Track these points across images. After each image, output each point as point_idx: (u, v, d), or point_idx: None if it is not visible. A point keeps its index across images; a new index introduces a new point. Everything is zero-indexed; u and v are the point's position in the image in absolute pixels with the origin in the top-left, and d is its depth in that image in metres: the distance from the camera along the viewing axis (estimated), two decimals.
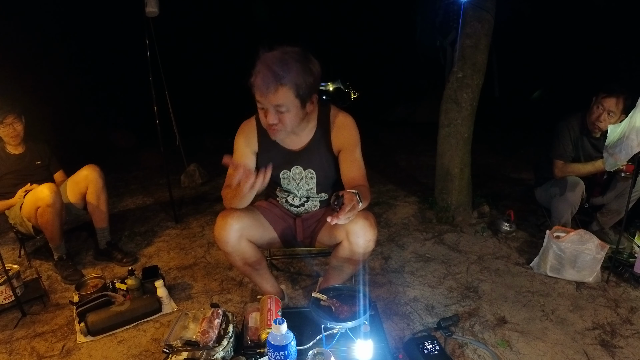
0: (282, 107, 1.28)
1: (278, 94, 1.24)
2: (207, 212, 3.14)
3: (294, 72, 1.24)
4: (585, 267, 1.93)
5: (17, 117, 2.13)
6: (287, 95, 1.26)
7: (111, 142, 5.51)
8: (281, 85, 1.23)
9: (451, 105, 2.67)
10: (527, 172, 3.87)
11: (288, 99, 1.27)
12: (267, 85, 1.23)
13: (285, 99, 1.26)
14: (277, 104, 1.27)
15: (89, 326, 1.64)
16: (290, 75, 1.23)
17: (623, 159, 1.84)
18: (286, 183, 1.56)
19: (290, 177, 1.54)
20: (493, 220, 2.70)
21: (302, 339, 1.30)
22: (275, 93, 1.24)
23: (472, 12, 2.52)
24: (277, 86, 1.23)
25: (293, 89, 1.25)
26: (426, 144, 4.46)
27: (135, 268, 1.98)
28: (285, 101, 1.27)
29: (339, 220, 1.12)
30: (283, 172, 1.54)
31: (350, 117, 1.52)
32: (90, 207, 2.29)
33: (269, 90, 1.23)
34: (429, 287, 1.98)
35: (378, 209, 3.06)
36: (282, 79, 1.22)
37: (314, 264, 2.22)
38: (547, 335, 1.61)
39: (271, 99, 1.25)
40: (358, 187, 1.30)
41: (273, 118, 1.30)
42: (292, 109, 1.30)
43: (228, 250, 1.44)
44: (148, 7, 2.67)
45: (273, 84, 1.22)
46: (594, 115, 2.12)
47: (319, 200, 1.61)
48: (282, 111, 1.29)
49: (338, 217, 1.11)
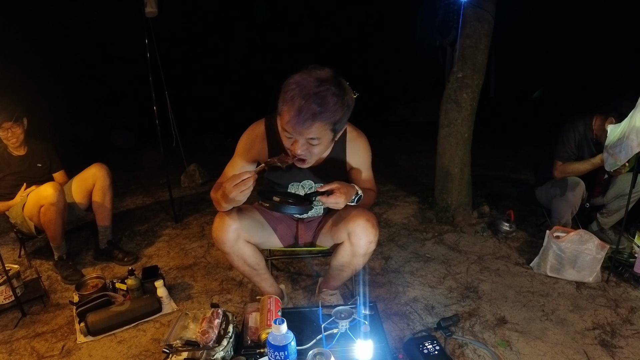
0: (314, 141, 1.22)
1: (313, 128, 1.17)
2: (207, 212, 3.14)
3: (332, 109, 1.16)
4: (585, 267, 1.93)
5: (15, 122, 2.10)
6: (322, 130, 1.20)
7: (111, 142, 5.52)
8: (317, 121, 1.16)
9: (451, 105, 2.67)
10: (527, 172, 3.87)
11: (323, 133, 1.21)
12: (304, 120, 1.14)
13: (319, 133, 1.20)
14: (310, 137, 1.21)
15: (89, 326, 1.64)
16: (328, 113, 1.16)
17: (623, 159, 1.84)
18: (293, 190, 1.54)
19: (300, 187, 1.52)
20: (493, 220, 2.70)
21: (302, 339, 1.30)
22: (310, 128, 1.17)
23: (472, 12, 2.52)
24: (314, 121, 1.15)
25: (329, 124, 1.19)
26: (426, 144, 4.45)
27: (135, 268, 1.98)
28: (319, 134, 1.20)
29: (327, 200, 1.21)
30: (292, 184, 1.51)
31: (365, 138, 1.49)
32: (95, 204, 2.30)
33: (304, 125, 1.16)
34: (429, 287, 1.98)
35: (378, 209, 3.06)
36: (320, 115, 1.15)
37: (314, 264, 2.22)
38: (547, 335, 1.61)
39: (305, 133, 1.19)
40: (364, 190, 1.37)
41: (302, 150, 1.24)
42: (325, 141, 1.24)
43: (226, 251, 1.44)
44: (148, 8, 2.67)
45: (310, 120, 1.15)
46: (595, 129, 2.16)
47: (322, 207, 1.61)
48: (314, 144, 1.23)
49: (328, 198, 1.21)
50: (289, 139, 1.25)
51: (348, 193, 1.27)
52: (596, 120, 2.15)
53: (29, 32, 5.44)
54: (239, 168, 1.45)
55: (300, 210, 1.37)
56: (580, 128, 2.19)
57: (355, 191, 1.33)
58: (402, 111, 8.77)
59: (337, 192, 1.22)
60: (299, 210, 1.37)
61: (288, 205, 1.33)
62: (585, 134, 2.19)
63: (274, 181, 1.51)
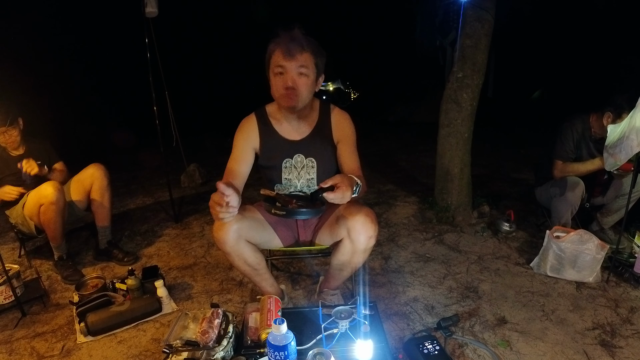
0: (304, 69, 1.38)
1: (303, 56, 1.37)
2: (207, 212, 3.14)
3: (314, 44, 1.40)
4: (585, 267, 1.93)
5: (9, 125, 2.09)
6: (309, 60, 1.39)
7: (111, 142, 5.52)
8: (305, 50, 1.37)
9: (451, 105, 2.67)
10: (527, 172, 3.87)
11: (310, 63, 1.39)
12: (295, 47, 1.35)
13: (308, 62, 1.38)
14: (301, 64, 1.37)
15: (89, 326, 1.64)
16: (312, 46, 1.39)
17: (623, 158, 1.84)
18: (287, 172, 1.58)
19: (292, 166, 1.57)
20: (493, 220, 2.70)
21: (302, 339, 1.30)
22: (301, 54, 1.36)
23: (472, 12, 2.52)
24: (303, 50, 1.36)
25: (313, 56, 1.39)
26: (426, 144, 4.46)
27: (135, 268, 1.98)
28: (307, 63, 1.38)
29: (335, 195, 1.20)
30: (285, 161, 1.57)
31: (348, 114, 1.63)
32: (94, 205, 2.30)
33: (295, 51, 1.35)
34: (429, 287, 1.98)
35: (378, 209, 3.06)
36: (306, 45, 1.38)
37: (314, 264, 2.22)
38: (547, 335, 1.61)
39: (298, 59, 1.36)
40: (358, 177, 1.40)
41: (293, 80, 1.38)
42: (311, 75, 1.40)
43: (227, 251, 1.44)
44: (148, 8, 2.67)
45: (299, 47, 1.36)
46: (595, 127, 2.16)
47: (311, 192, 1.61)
48: (303, 73, 1.38)
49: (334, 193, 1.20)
50: (280, 77, 1.39)
51: (350, 185, 1.26)
52: (593, 117, 2.15)
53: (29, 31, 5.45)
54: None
55: (316, 213, 1.37)
56: (578, 127, 2.19)
57: (355, 182, 1.33)
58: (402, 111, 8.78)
59: (340, 185, 1.21)
60: (314, 214, 1.37)
61: (303, 210, 1.33)
62: (584, 133, 2.19)
63: (268, 165, 1.57)
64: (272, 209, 1.31)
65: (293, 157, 1.57)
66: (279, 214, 1.30)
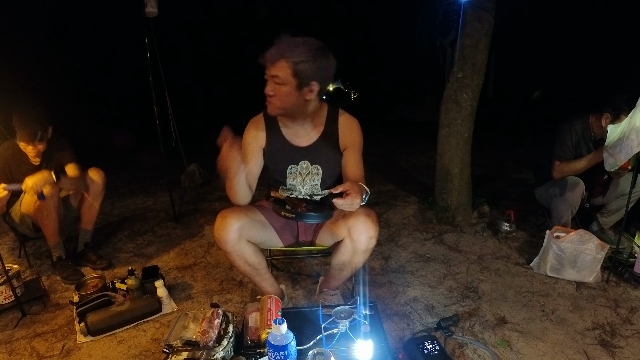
0: (277, 79, 1.35)
1: (276, 65, 1.33)
2: (207, 212, 3.14)
3: (297, 52, 1.32)
4: (585, 267, 1.93)
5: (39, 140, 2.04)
6: (284, 69, 1.33)
7: (111, 142, 5.52)
8: (282, 59, 1.32)
9: (451, 105, 2.67)
10: (527, 172, 3.87)
11: (284, 73, 1.33)
12: (270, 55, 1.33)
13: (281, 72, 1.33)
14: (273, 74, 1.35)
15: (89, 326, 1.64)
16: (292, 54, 1.31)
17: (623, 158, 1.83)
18: (292, 178, 1.58)
19: (297, 172, 1.57)
20: (493, 220, 2.70)
21: (302, 339, 1.30)
22: (273, 64, 1.33)
23: (472, 12, 2.52)
24: (278, 58, 1.32)
25: (291, 66, 1.32)
26: (426, 144, 4.46)
27: (135, 268, 1.98)
28: (281, 74, 1.33)
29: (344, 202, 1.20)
30: (290, 167, 1.57)
31: (357, 120, 1.60)
32: (84, 206, 2.29)
33: (270, 60, 1.33)
34: (429, 287, 1.98)
35: (378, 209, 3.06)
36: (284, 53, 1.32)
37: (314, 264, 2.22)
38: (547, 335, 1.61)
39: (270, 69, 1.35)
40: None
41: (269, 89, 1.38)
42: (287, 85, 1.35)
43: (227, 250, 1.45)
44: (148, 8, 2.67)
45: (275, 55, 1.32)
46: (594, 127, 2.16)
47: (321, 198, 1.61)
48: (277, 82, 1.35)
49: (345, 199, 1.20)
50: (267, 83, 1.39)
51: (360, 193, 1.26)
52: (592, 118, 2.15)
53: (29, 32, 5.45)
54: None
55: (325, 218, 1.38)
56: (577, 128, 2.19)
57: (365, 190, 1.33)
58: (402, 111, 8.79)
59: (351, 192, 1.21)
60: (323, 218, 1.39)
61: (313, 214, 1.34)
62: (583, 133, 2.19)
63: (273, 167, 1.58)
64: (282, 211, 1.32)
65: (298, 163, 1.56)
66: (288, 217, 1.33)
